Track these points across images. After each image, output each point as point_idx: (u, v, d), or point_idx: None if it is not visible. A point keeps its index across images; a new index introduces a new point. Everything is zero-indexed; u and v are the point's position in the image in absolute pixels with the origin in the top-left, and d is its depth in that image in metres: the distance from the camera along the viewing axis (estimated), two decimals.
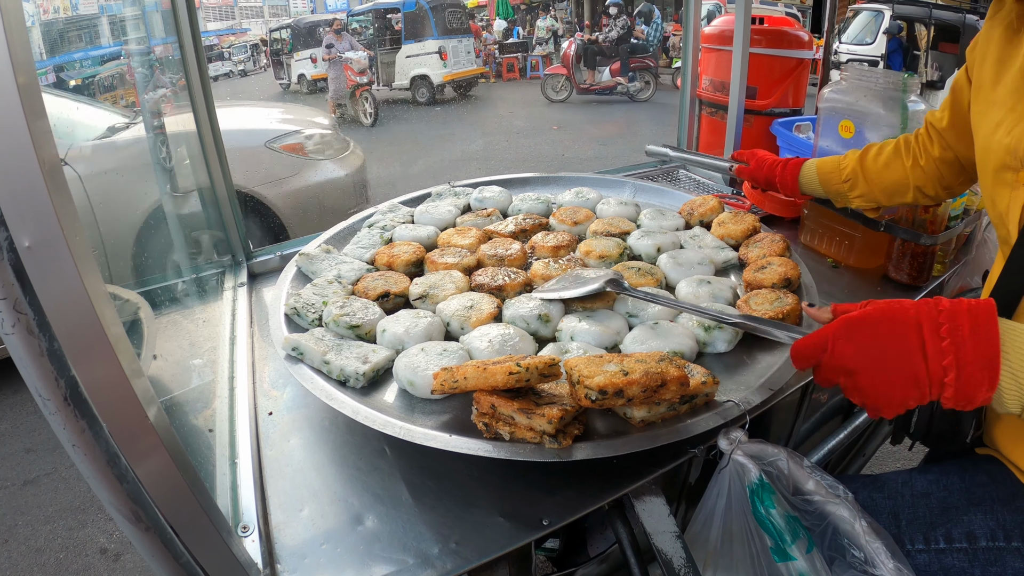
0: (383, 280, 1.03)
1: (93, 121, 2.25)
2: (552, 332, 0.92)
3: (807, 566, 0.68)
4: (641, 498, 0.78)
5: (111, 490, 0.52)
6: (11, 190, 0.41)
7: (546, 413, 0.66)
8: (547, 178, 1.51)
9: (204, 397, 0.97)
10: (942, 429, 0.79)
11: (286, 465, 0.83)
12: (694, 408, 0.77)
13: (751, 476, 0.73)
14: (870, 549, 0.66)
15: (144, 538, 0.55)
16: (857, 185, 1.11)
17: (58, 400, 0.48)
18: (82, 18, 2.27)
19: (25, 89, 0.40)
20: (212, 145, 1.24)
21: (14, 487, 2.18)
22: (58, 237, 0.42)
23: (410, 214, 1.31)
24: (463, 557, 0.68)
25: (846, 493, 0.71)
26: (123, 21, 1.55)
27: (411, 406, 0.81)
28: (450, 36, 8.84)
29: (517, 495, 0.75)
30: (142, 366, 0.52)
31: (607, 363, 0.70)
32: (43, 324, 0.46)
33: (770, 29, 1.74)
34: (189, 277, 1.26)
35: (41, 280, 0.43)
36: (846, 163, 1.13)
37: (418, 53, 8.71)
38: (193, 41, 1.17)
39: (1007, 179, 0.76)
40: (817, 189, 1.18)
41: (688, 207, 1.32)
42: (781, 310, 0.92)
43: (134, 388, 0.48)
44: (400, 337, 0.87)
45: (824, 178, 1.15)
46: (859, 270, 1.31)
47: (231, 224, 1.30)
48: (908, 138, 1.09)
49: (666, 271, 1.07)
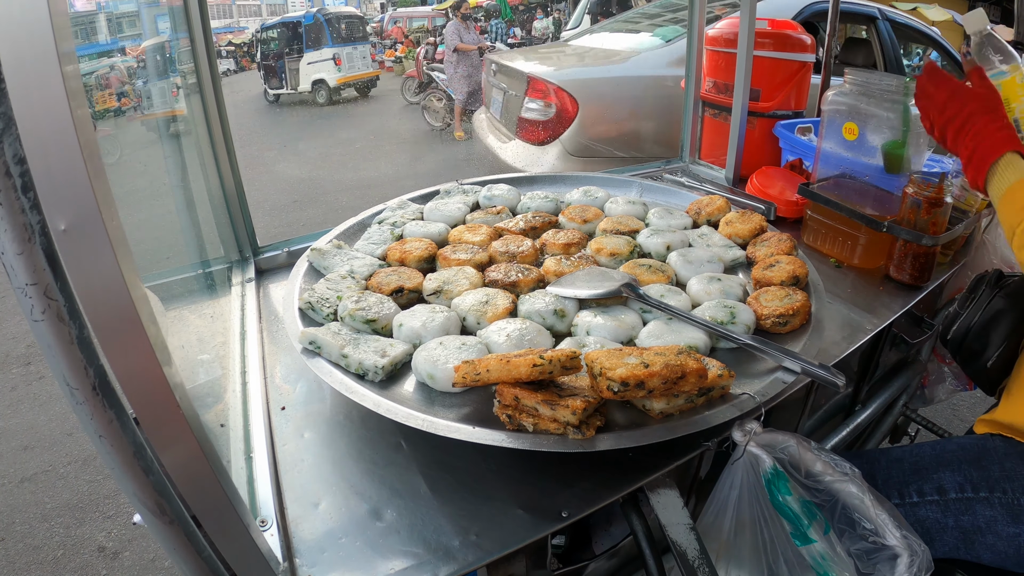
0: (396, 276, 1.03)
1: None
2: (567, 327, 0.93)
3: (826, 546, 0.70)
4: (656, 490, 0.79)
5: (136, 482, 0.52)
6: (49, 174, 0.41)
7: (570, 404, 0.67)
8: (555, 177, 1.52)
9: (215, 392, 0.97)
10: (972, 348, 0.90)
11: (301, 460, 0.83)
12: (710, 401, 0.78)
13: (765, 465, 0.74)
14: (879, 520, 0.68)
15: (168, 531, 0.55)
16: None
17: (86, 390, 0.47)
18: (82, 16, 2.25)
19: (68, 75, 0.40)
20: (221, 140, 1.23)
21: (11, 484, 2.15)
22: (96, 221, 0.42)
23: (419, 211, 1.32)
24: (484, 549, 0.68)
25: (853, 470, 0.74)
26: (124, 18, 1.54)
27: (430, 399, 0.81)
28: (345, 44, 10.17)
29: (535, 487, 0.75)
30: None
31: (627, 356, 0.71)
32: (73, 311, 0.46)
33: (773, 32, 1.76)
34: (197, 272, 1.26)
35: (75, 265, 0.43)
36: None
37: (316, 60, 10.03)
38: (204, 36, 1.16)
39: None
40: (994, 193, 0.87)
41: (695, 206, 1.33)
42: (792, 306, 0.93)
43: (166, 376, 0.48)
44: (417, 331, 0.87)
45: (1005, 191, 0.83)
46: (861, 270, 1.33)
47: (239, 219, 1.29)
48: None
49: (676, 269, 1.08)
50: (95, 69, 1.45)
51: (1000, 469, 0.83)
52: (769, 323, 0.92)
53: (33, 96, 0.39)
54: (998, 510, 0.78)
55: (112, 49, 1.43)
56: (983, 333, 0.90)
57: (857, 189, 1.36)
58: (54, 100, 0.39)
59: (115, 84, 1.42)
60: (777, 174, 1.64)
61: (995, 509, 0.79)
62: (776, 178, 1.62)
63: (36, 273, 0.43)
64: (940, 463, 0.88)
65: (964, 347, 0.92)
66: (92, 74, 1.43)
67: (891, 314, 1.16)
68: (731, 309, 0.92)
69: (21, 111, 0.39)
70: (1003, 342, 0.89)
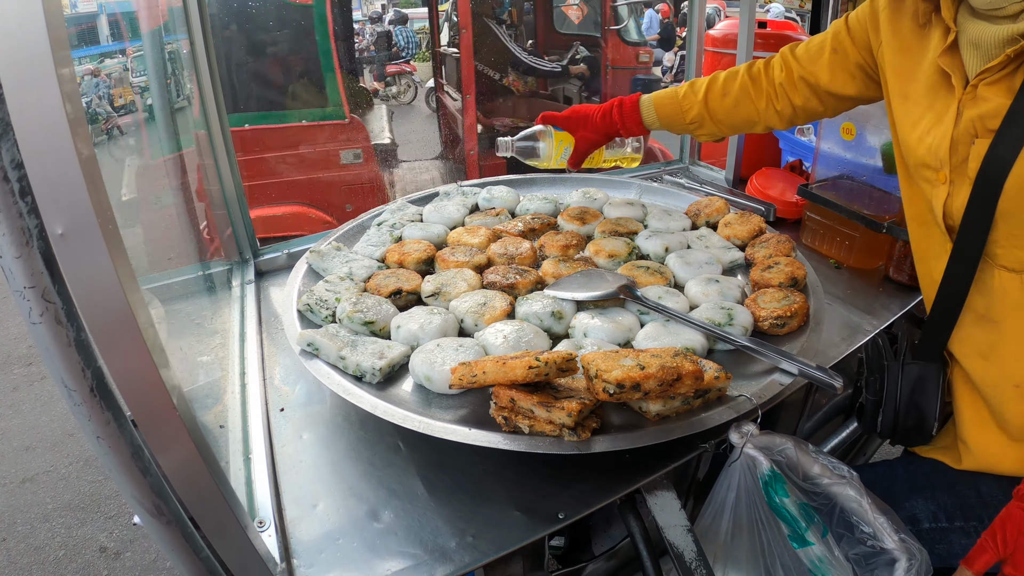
0: (395, 278, 1.03)
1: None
2: (565, 329, 0.93)
3: (823, 549, 0.70)
4: (653, 492, 0.79)
5: (134, 483, 0.52)
6: (47, 178, 0.41)
7: (565, 406, 0.67)
8: (553, 178, 1.52)
9: (214, 393, 0.97)
10: (908, 426, 0.81)
11: (299, 461, 0.83)
12: (707, 403, 0.78)
13: (762, 468, 0.74)
14: (877, 524, 0.68)
15: (165, 532, 0.55)
16: (704, 125, 1.11)
17: (84, 391, 0.48)
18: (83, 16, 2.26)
19: (64, 79, 0.40)
20: (221, 142, 1.24)
21: (12, 484, 2.16)
22: (93, 225, 0.42)
23: (418, 213, 1.32)
24: (480, 551, 0.68)
25: (851, 473, 0.73)
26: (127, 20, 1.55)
27: (427, 401, 0.81)
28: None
29: (532, 489, 0.75)
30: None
31: (623, 358, 0.71)
32: (71, 314, 0.46)
33: (773, 33, 1.77)
34: (197, 274, 1.26)
35: (72, 269, 0.43)
36: (688, 104, 1.10)
37: None
38: (204, 38, 1.17)
39: (927, 176, 0.78)
40: (658, 126, 1.15)
41: (694, 208, 1.33)
42: (790, 308, 0.93)
43: (163, 379, 0.48)
44: (415, 333, 0.87)
45: (666, 121, 1.13)
46: (860, 271, 1.33)
47: (239, 221, 1.30)
48: (758, 75, 1.07)
49: (675, 270, 1.08)
50: (104, 68, 1.46)
51: (976, 495, 0.79)
52: (767, 325, 0.92)
53: (30, 101, 0.39)
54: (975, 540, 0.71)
55: (114, 50, 1.44)
56: (914, 409, 0.80)
57: (856, 190, 1.36)
58: (50, 105, 0.39)
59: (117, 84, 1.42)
60: (777, 175, 1.64)
61: (972, 539, 0.72)
62: (776, 179, 1.62)
63: (34, 276, 0.43)
64: (912, 488, 0.83)
65: (899, 432, 0.82)
66: (102, 72, 1.44)
67: (890, 315, 1.15)
68: (729, 311, 0.92)
69: (18, 116, 0.39)
70: (939, 402, 0.79)
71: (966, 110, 0.72)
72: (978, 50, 0.71)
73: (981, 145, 0.69)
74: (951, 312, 0.77)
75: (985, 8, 0.69)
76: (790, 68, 1.03)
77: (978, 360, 0.77)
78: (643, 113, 1.12)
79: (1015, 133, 0.66)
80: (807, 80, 1.01)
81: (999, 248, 0.72)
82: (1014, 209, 0.68)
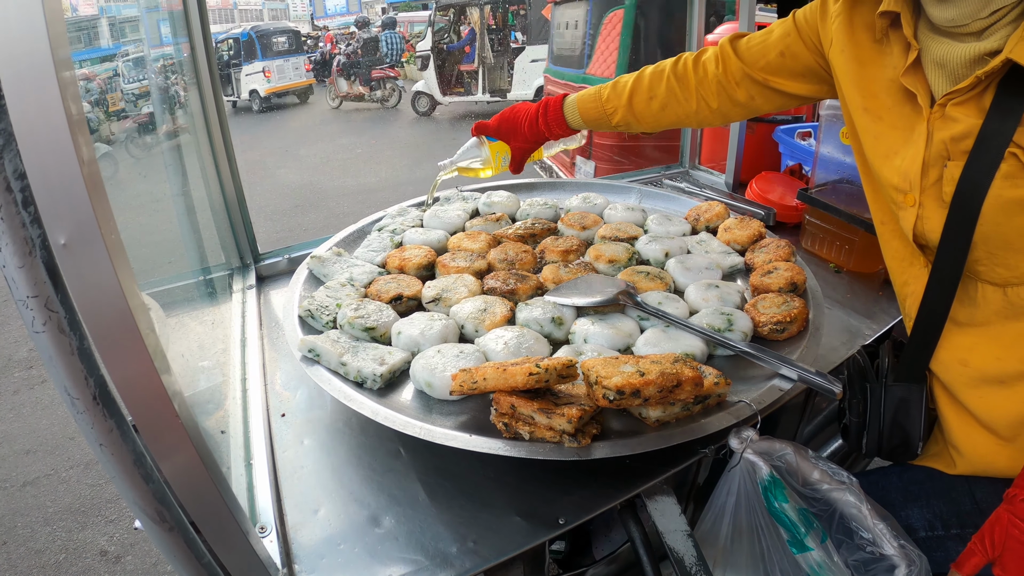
0: (395, 283, 1.03)
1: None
2: (565, 334, 0.93)
3: (823, 555, 0.70)
4: (653, 497, 0.79)
5: (136, 489, 0.53)
6: (49, 188, 0.41)
7: (566, 413, 0.67)
8: (554, 183, 1.52)
9: (215, 399, 0.97)
10: (893, 444, 0.80)
11: (300, 466, 0.83)
12: (707, 408, 0.78)
13: (762, 473, 0.74)
14: (876, 530, 0.68)
15: (167, 538, 0.55)
16: (632, 126, 1.10)
17: (87, 399, 0.48)
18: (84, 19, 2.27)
19: (65, 85, 0.40)
20: (222, 147, 1.24)
21: (13, 488, 2.16)
22: (95, 235, 0.43)
23: (419, 218, 1.32)
24: (481, 556, 0.68)
25: (851, 479, 0.73)
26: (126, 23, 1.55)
27: (428, 407, 0.81)
28: (276, 57, 11.57)
29: (532, 495, 0.76)
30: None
31: (623, 364, 0.71)
32: (74, 322, 0.46)
33: None
34: (198, 279, 1.27)
35: (75, 278, 0.44)
36: (612, 108, 1.07)
37: (251, 72, 11.45)
38: (204, 41, 1.18)
39: (894, 197, 0.75)
40: (585, 128, 1.16)
41: (694, 213, 1.33)
42: (789, 313, 0.93)
43: (165, 386, 0.49)
44: (416, 339, 0.88)
45: (592, 123, 1.12)
46: (860, 275, 1.33)
47: (240, 227, 1.30)
48: (685, 73, 1.02)
49: (675, 275, 1.08)
50: (102, 72, 1.47)
51: (971, 502, 0.77)
52: (767, 330, 0.93)
53: (32, 112, 0.39)
54: None
55: (114, 53, 1.44)
56: (898, 430, 0.78)
57: (856, 194, 1.36)
58: (53, 117, 0.39)
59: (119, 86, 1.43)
60: (777, 179, 1.65)
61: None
62: (776, 183, 1.63)
63: (37, 286, 0.44)
64: (907, 497, 0.82)
65: (885, 450, 0.80)
66: (97, 78, 1.45)
67: (890, 319, 1.16)
68: (728, 316, 0.92)
69: (20, 127, 0.39)
70: (923, 421, 0.77)
71: (936, 132, 0.69)
72: (944, 70, 0.68)
73: (954, 168, 0.67)
74: (932, 332, 0.75)
75: (947, 25, 0.65)
76: (729, 64, 0.97)
77: (957, 367, 0.76)
78: (567, 117, 1.11)
79: (988, 156, 0.63)
80: (753, 78, 0.96)
81: (980, 267, 0.70)
82: (992, 232, 0.66)
